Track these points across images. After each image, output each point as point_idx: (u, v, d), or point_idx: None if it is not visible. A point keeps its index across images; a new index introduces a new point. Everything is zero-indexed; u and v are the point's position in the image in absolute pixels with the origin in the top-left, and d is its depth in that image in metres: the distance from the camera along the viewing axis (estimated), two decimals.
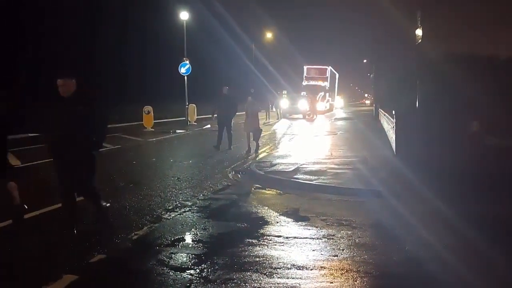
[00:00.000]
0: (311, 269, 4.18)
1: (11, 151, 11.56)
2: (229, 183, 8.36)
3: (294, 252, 4.64)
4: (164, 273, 4.11)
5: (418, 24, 8.87)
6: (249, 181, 8.58)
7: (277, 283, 3.86)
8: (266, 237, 5.12)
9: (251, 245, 4.81)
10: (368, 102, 70.16)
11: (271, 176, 8.66)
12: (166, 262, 4.37)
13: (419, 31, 8.82)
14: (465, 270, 4.13)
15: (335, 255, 4.53)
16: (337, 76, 45.55)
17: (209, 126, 20.00)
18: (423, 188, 6.84)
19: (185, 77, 23.51)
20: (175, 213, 6.18)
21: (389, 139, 12.97)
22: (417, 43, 8.98)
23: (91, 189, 5.31)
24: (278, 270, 4.14)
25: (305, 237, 5.13)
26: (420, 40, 8.78)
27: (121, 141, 15.00)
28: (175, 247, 4.81)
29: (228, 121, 12.75)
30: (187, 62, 23.30)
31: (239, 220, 5.84)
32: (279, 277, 3.98)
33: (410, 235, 5.15)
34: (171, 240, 5.03)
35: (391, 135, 12.00)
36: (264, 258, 4.42)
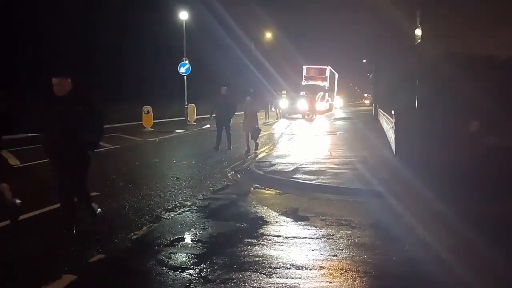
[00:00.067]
0: (310, 269, 4.17)
1: (10, 151, 11.61)
2: (228, 183, 8.36)
3: (293, 252, 4.63)
4: (164, 273, 4.10)
5: (418, 24, 8.87)
6: (249, 181, 8.57)
7: (276, 283, 3.85)
8: (265, 237, 5.12)
9: (251, 245, 4.81)
10: (368, 102, 70.23)
11: (271, 176, 8.66)
12: (166, 262, 4.37)
13: (418, 31, 8.82)
14: (465, 270, 4.13)
15: (335, 255, 4.53)
16: (337, 76, 45.57)
17: (208, 126, 19.99)
18: (422, 188, 6.83)
19: (185, 77, 23.51)
20: (174, 213, 6.18)
21: (389, 139, 12.98)
22: (416, 43, 8.99)
23: (86, 190, 5.29)
24: (277, 270, 4.14)
25: (305, 237, 5.13)
26: (419, 40, 8.78)
27: (120, 141, 15.00)
28: (175, 247, 4.81)
29: (227, 121, 12.74)
30: (187, 62, 23.31)
31: (238, 220, 5.84)
32: (278, 277, 3.98)
33: (409, 235, 5.14)
34: (170, 240, 5.02)
35: (391, 135, 12.01)
36: (264, 258, 4.42)
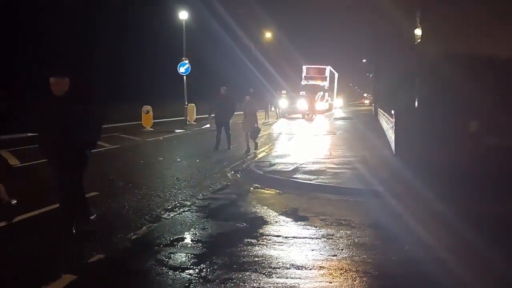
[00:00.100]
0: (310, 269, 4.17)
1: (10, 150, 11.59)
2: (228, 182, 8.35)
3: (293, 251, 4.63)
4: (163, 273, 4.10)
5: (418, 24, 8.87)
6: (248, 180, 8.57)
7: (276, 283, 3.85)
8: (265, 236, 5.11)
9: (250, 245, 4.80)
10: (367, 101, 70.18)
11: (270, 175, 8.66)
12: (165, 262, 4.37)
13: (418, 31, 8.82)
14: (465, 270, 4.12)
15: (334, 255, 4.52)
16: (336, 75, 45.53)
17: (208, 125, 19.97)
18: (422, 188, 6.83)
19: (184, 77, 23.49)
20: (174, 212, 6.18)
21: (388, 139, 12.98)
22: (416, 42, 8.99)
23: (82, 190, 5.26)
24: (277, 269, 4.13)
25: (304, 236, 5.12)
26: (419, 40, 8.78)
27: (120, 141, 14.99)
28: (174, 247, 4.80)
29: (226, 121, 12.73)
30: (186, 61, 23.28)
31: (238, 219, 5.84)
32: (278, 277, 3.97)
33: (409, 235, 5.14)
34: (170, 240, 5.02)
35: (390, 135, 12.01)
36: (263, 258, 4.42)
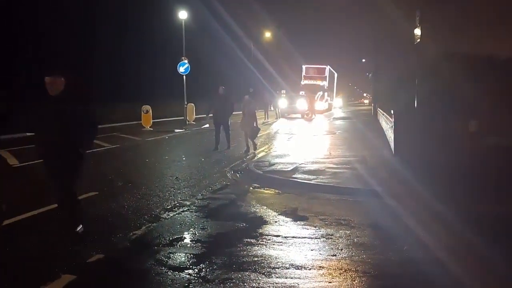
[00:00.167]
0: (310, 269, 4.17)
1: (9, 150, 11.57)
2: (227, 182, 8.35)
3: (292, 251, 4.62)
4: (163, 273, 4.09)
5: (418, 23, 8.87)
6: (248, 180, 8.56)
7: (276, 283, 3.84)
8: (264, 236, 5.11)
9: (250, 245, 4.80)
10: (367, 101, 70.28)
11: (270, 175, 8.65)
12: (165, 262, 4.36)
13: (418, 31, 8.82)
14: (464, 270, 4.12)
15: (334, 255, 4.52)
16: (336, 75, 45.55)
17: (207, 125, 19.96)
18: (422, 188, 6.83)
19: (184, 77, 23.49)
20: (173, 212, 6.17)
21: (388, 138, 12.98)
22: (416, 42, 8.99)
23: (75, 190, 5.21)
24: (276, 269, 4.13)
25: (304, 236, 5.12)
26: (419, 40, 8.78)
27: (119, 141, 14.99)
28: (174, 246, 4.79)
29: (225, 121, 12.70)
30: (186, 61, 23.28)
31: (237, 219, 5.83)
32: (277, 277, 3.97)
33: (409, 235, 5.13)
34: (169, 239, 5.01)
35: (390, 135, 12.01)
36: (263, 258, 4.41)
